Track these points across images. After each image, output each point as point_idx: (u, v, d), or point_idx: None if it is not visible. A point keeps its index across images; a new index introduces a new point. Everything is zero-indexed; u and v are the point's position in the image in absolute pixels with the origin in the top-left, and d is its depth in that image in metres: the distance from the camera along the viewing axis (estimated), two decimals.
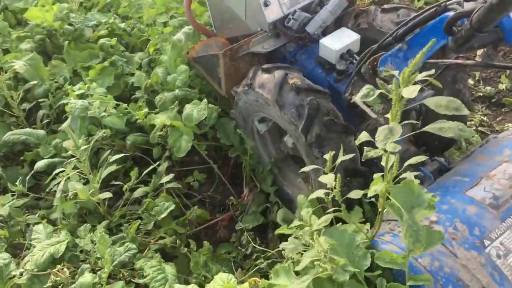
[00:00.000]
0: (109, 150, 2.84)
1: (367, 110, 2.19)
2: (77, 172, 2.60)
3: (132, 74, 3.40)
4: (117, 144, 3.04)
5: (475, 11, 1.32)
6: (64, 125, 2.81)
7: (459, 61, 1.65)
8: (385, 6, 2.58)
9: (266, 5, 2.45)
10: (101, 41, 3.66)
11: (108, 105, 3.03)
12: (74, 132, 2.72)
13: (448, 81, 2.47)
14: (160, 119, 2.86)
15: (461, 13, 1.50)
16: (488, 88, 3.66)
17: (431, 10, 1.71)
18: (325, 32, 2.56)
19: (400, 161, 2.41)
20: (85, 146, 2.54)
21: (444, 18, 1.63)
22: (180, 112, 2.90)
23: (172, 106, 2.97)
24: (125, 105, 3.06)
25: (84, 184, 2.59)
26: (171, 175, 2.75)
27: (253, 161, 2.89)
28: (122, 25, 3.91)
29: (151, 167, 2.83)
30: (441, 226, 1.85)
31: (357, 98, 2.23)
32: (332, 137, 2.19)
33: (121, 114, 3.02)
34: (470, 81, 3.69)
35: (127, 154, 2.94)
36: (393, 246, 1.85)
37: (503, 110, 3.54)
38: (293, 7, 2.51)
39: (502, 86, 3.62)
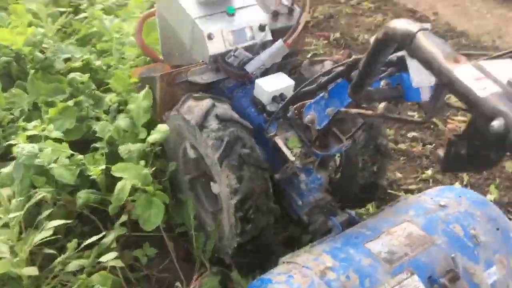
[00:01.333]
0: (50, 210, 2.47)
1: (287, 152, 2.26)
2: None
3: (98, 118, 3.10)
4: (63, 199, 2.67)
5: (363, 56, 1.41)
6: (5, 170, 2.56)
7: (360, 111, 1.74)
8: (314, 59, 2.73)
9: (210, 38, 2.52)
10: (72, 75, 3.28)
11: (61, 154, 2.67)
12: (14, 182, 2.48)
13: (368, 132, 2.58)
14: (127, 182, 2.48)
15: (355, 59, 1.61)
16: None
17: (351, 61, 1.81)
18: (265, 75, 2.65)
19: (315, 208, 2.48)
20: (14, 214, 2.23)
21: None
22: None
23: (143, 163, 2.63)
24: (80, 156, 2.71)
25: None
26: (114, 254, 2.35)
27: (209, 243, 2.62)
28: (98, 62, 3.58)
29: (95, 237, 2.41)
30: (334, 273, 1.88)
31: (278, 139, 2.32)
32: (246, 170, 2.23)
33: (74, 167, 2.64)
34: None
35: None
36: (285, 286, 1.87)
37: None
38: (236, 44, 2.59)
39: (490, 198, 3.44)
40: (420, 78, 1.53)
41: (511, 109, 0.88)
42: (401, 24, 1.22)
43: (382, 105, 1.60)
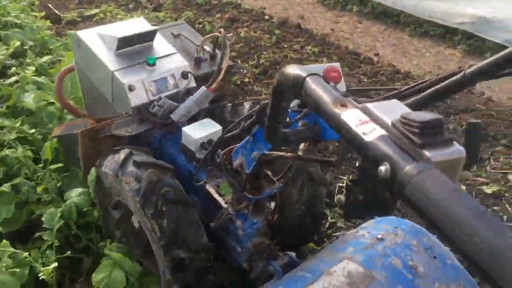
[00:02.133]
0: None
1: (219, 199, 2.19)
2: None
3: (39, 200, 2.76)
4: None
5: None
6: None
7: (280, 153, 1.72)
8: (236, 101, 2.72)
9: (131, 89, 2.45)
10: (3, 152, 2.87)
11: (1, 254, 2.30)
12: None
13: (306, 177, 2.57)
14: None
15: (263, 104, 1.59)
16: None
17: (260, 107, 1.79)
18: (192, 121, 2.60)
19: (254, 255, 2.40)
20: None
21: None
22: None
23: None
24: (25, 254, 2.36)
25: None
26: None
27: None
28: (32, 131, 3.20)
29: None
30: None
31: (209, 187, 2.25)
32: (171, 209, 2.14)
33: (18, 269, 2.26)
34: None
35: None
36: None
37: None
38: (159, 94, 2.54)
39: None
40: None
41: (395, 152, 0.85)
42: (292, 70, 1.20)
43: (302, 146, 1.58)
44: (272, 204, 2.67)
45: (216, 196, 2.19)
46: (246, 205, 2.21)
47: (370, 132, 0.90)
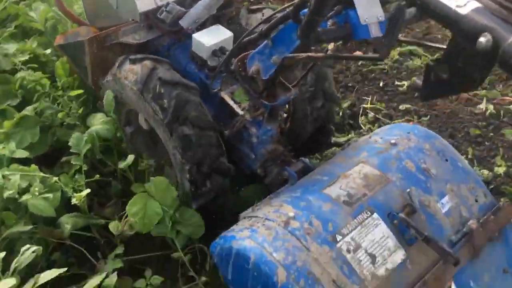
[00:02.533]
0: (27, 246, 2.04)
1: (234, 106, 2.18)
2: None
3: (63, 123, 2.65)
4: (41, 232, 2.28)
5: None
6: None
7: (310, 54, 1.68)
8: (252, 7, 2.62)
9: None
10: (20, 74, 2.71)
11: (31, 179, 2.25)
12: None
13: (313, 78, 2.55)
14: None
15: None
16: (485, 171, 3.23)
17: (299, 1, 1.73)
18: (201, 28, 2.52)
19: (268, 161, 2.45)
20: None
21: (303, 13, 1.66)
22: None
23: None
24: (55, 178, 2.30)
25: None
26: None
27: None
28: (48, 51, 3.02)
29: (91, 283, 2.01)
30: (297, 222, 1.86)
31: (224, 94, 2.23)
32: (197, 134, 2.13)
33: (51, 195, 2.23)
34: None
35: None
36: (250, 241, 1.83)
37: (502, 200, 3.03)
38: None
39: (499, 170, 3.25)
40: (368, 14, 1.47)
41: (496, 23, 0.83)
42: None
43: (331, 46, 1.54)
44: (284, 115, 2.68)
45: (231, 102, 2.18)
46: (262, 111, 2.21)
47: (464, 5, 0.88)
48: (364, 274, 1.78)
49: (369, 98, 3.74)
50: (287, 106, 2.64)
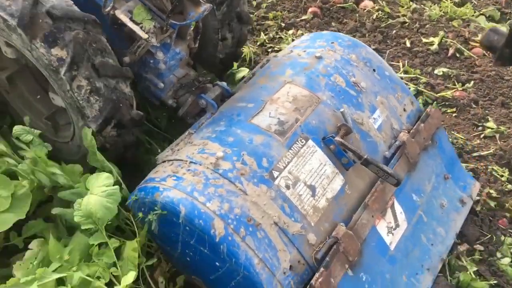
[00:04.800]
0: None
1: (136, 28, 1.78)
2: None
3: None
4: None
5: None
6: None
7: None
8: None
9: None
10: None
11: None
12: None
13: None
14: None
15: None
16: None
17: None
18: None
19: (180, 88, 2.12)
20: None
21: None
22: None
23: None
24: None
25: None
26: None
27: None
28: None
29: None
30: (228, 162, 1.63)
31: (120, 14, 1.81)
32: (104, 84, 1.72)
33: None
34: None
35: None
36: (177, 191, 1.57)
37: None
38: None
39: None
40: None
41: None
42: None
43: None
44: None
45: (130, 25, 1.77)
46: (170, 32, 1.84)
47: None
48: (305, 210, 1.64)
49: (399, 64, 3.15)
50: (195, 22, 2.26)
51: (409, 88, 2.86)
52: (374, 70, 2.08)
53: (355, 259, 1.65)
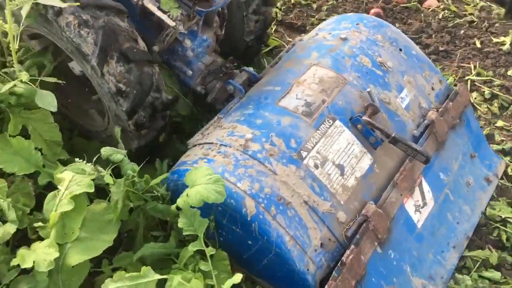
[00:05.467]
0: None
1: (164, 17, 1.83)
2: None
3: None
4: None
5: None
6: None
7: None
8: None
9: None
10: None
11: None
12: None
13: None
14: None
15: None
16: None
17: None
18: None
19: (208, 75, 2.17)
20: None
21: None
22: None
23: None
24: None
25: None
26: None
27: None
28: None
29: None
30: (257, 143, 1.67)
31: (148, 3, 1.86)
32: (133, 69, 1.77)
33: None
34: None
35: None
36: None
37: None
38: None
39: None
40: None
41: None
42: None
43: None
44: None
45: (159, 13, 1.82)
46: (197, 20, 1.88)
47: None
48: (334, 188, 1.66)
49: (471, 66, 3.00)
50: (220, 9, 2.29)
51: (484, 91, 2.81)
52: (400, 49, 2.08)
53: (384, 236, 1.67)
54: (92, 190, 1.61)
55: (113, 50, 1.71)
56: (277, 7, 3.23)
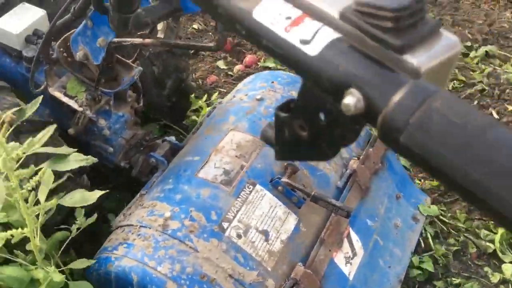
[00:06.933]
0: None
1: (70, 102, 1.81)
2: None
3: None
4: None
5: None
6: None
7: (136, 40, 1.39)
8: None
9: None
10: None
11: None
12: None
13: (171, 70, 2.28)
14: None
15: None
16: None
17: None
18: (3, 11, 2.03)
19: (129, 149, 2.15)
20: None
21: None
22: None
23: None
24: None
25: None
26: None
27: None
28: None
29: None
30: (176, 221, 1.64)
31: (54, 90, 1.85)
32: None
33: None
34: None
35: None
36: (128, 259, 1.58)
37: None
38: None
39: None
40: None
41: (367, 71, 0.52)
42: None
43: (160, 26, 1.25)
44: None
45: (65, 99, 1.80)
46: (106, 101, 1.87)
47: (313, 38, 0.55)
48: (260, 256, 1.64)
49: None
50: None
51: None
52: None
53: None
54: None
55: None
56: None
